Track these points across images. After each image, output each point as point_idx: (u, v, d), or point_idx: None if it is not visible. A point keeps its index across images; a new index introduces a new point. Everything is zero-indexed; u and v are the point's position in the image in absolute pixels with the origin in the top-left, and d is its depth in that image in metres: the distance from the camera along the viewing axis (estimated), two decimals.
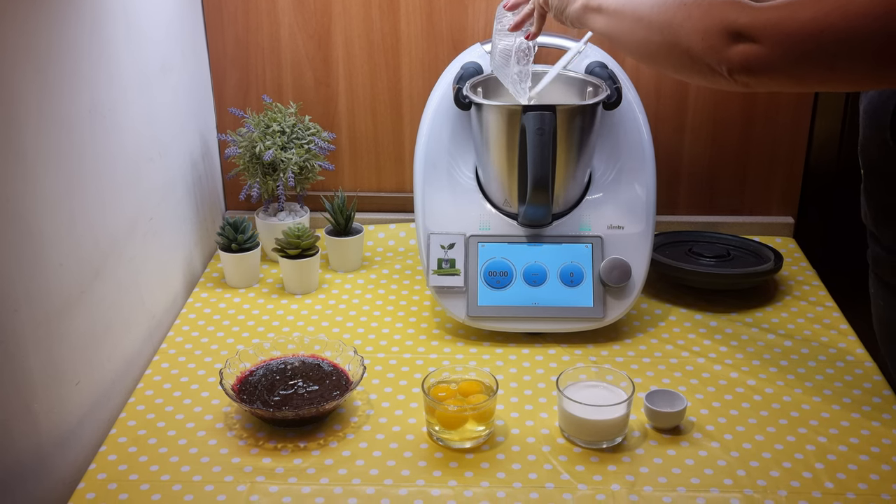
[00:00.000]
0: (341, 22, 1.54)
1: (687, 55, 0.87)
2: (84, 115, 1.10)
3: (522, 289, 1.30)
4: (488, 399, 1.09)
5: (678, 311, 1.39)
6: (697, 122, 1.58)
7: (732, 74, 0.84)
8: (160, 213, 1.35)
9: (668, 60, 0.92)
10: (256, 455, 1.07)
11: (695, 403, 1.16)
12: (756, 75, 0.82)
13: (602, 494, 1.01)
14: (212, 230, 1.57)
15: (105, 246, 1.16)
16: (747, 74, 0.83)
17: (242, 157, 1.47)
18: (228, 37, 1.56)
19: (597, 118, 1.29)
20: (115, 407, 1.18)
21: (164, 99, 1.37)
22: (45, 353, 1.02)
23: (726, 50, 0.83)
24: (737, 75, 0.83)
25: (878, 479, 1.03)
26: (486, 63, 1.38)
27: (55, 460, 1.05)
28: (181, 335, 1.33)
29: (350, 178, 1.64)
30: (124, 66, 1.21)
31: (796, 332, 1.33)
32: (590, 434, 1.08)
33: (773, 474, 1.04)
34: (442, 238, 1.32)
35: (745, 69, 0.82)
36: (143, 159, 1.29)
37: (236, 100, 1.59)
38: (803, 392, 1.19)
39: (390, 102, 1.59)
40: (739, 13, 0.82)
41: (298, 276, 1.43)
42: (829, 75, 0.80)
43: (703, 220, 1.63)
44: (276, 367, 1.19)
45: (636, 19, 0.95)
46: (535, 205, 1.26)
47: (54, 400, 1.04)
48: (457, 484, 1.03)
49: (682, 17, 0.87)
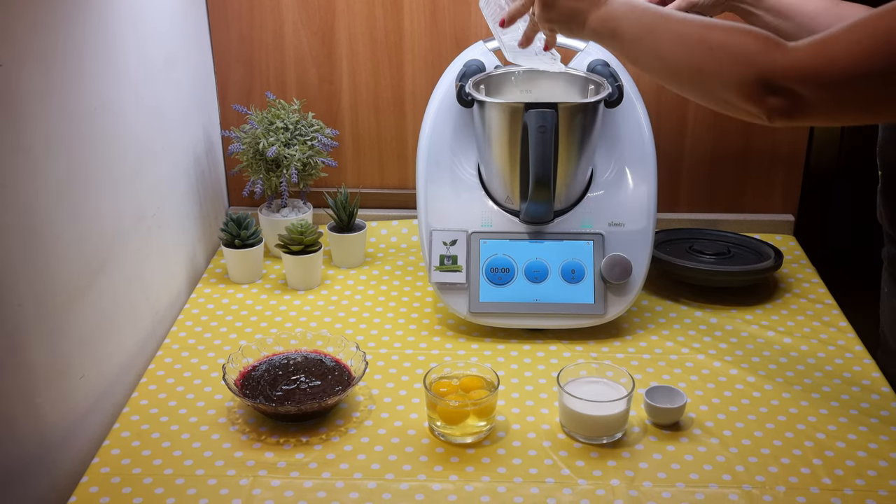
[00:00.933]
0: (345, 19, 1.54)
1: (722, 101, 0.87)
2: (89, 110, 1.11)
3: (524, 285, 1.30)
4: (489, 395, 1.09)
5: (678, 308, 1.39)
6: (698, 120, 1.58)
7: (772, 120, 0.84)
8: (164, 209, 1.36)
9: (699, 98, 0.93)
10: (259, 449, 1.08)
11: (694, 400, 1.17)
12: (795, 120, 0.83)
13: (602, 489, 1.01)
14: (215, 226, 1.58)
15: (109, 241, 1.17)
16: (786, 119, 0.83)
17: (246, 153, 1.48)
18: (232, 33, 1.56)
19: (598, 116, 1.29)
20: (118, 401, 1.18)
21: (169, 94, 1.38)
22: (49, 347, 1.02)
23: (765, 100, 0.83)
24: (776, 120, 0.84)
25: (876, 475, 1.03)
26: (489, 61, 1.39)
27: (59, 454, 1.05)
28: (184, 330, 1.34)
29: (353, 174, 1.65)
30: (129, 62, 1.22)
31: (796, 329, 1.34)
32: (590, 430, 1.08)
33: (771, 470, 1.04)
34: (444, 234, 1.32)
35: (785, 116, 0.83)
36: (147, 154, 1.30)
37: (240, 96, 1.60)
38: (802, 389, 1.20)
39: (393, 99, 1.59)
40: (773, 62, 0.81)
41: (301, 271, 1.44)
42: (868, 114, 0.81)
43: (704, 217, 1.63)
44: (279, 362, 1.20)
45: (658, 57, 0.93)
46: (536, 202, 1.27)
47: (58, 394, 1.05)
48: (458, 479, 1.03)
49: (712, 66, 0.86)
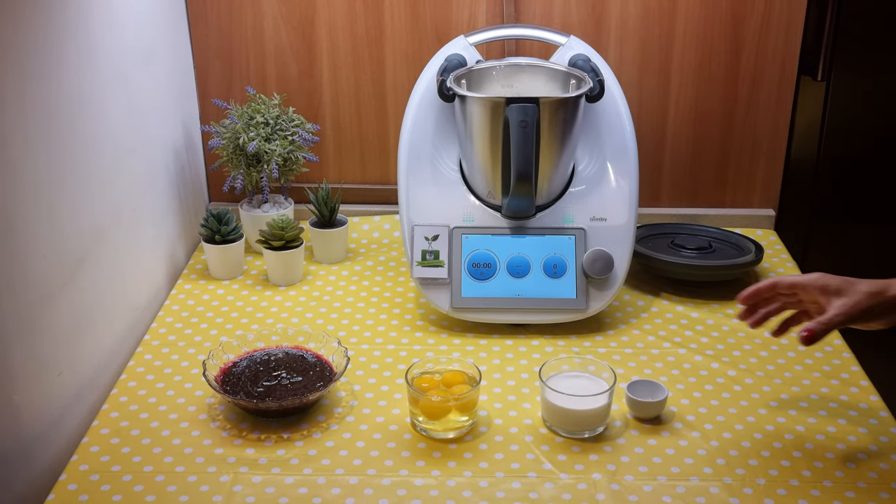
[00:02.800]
0: (325, 13, 1.53)
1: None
2: (66, 105, 1.10)
3: (506, 280, 1.30)
4: (471, 389, 1.09)
5: (660, 303, 1.40)
6: (680, 115, 1.59)
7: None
8: (143, 205, 1.35)
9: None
10: (240, 446, 1.07)
11: (675, 393, 1.17)
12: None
13: (583, 483, 1.02)
14: (195, 222, 1.57)
15: (87, 237, 1.16)
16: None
17: (226, 148, 1.47)
18: (212, 27, 1.55)
19: (580, 110, 1.29)
20: (97, 398, 1.18)
21: (147, 89, 1.37)
22: (26, 345, 1.01)
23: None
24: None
25: (854, 467, 1.04)
26: (470, 55, 1.38)
27: (37, 452, 1.04)
28: (164, 326, 1.33)
29: (334, 169, 1.64)
30: (107, 56, 1.21)
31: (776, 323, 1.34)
32: (572, 424, 1.09)
33: (751, 463, 1.05)
34: (426, 230, 1.32)
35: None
36: (126, 150, 1.29)
37: (220, 91, 1.58)
38: (782, 382, 1.20)
39: (374, 94, 1.59)
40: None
41: (282, 267, 1.43)
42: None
43: (685, 212, 1.64)
44: (260, 358, 1.19)
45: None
46: (518, 196, 1.27)
47: (36, 391, 1.04)
48: (440, 474, 1.03)
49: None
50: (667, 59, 1.55)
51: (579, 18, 1.52)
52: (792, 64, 1.55)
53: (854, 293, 0.97)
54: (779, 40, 1.53)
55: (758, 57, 1.54)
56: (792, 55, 1.54)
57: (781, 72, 1.55)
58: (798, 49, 1.54)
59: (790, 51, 1.54)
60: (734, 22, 1.52)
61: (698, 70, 1.56)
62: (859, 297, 0.96)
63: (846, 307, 0.96)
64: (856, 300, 0.96)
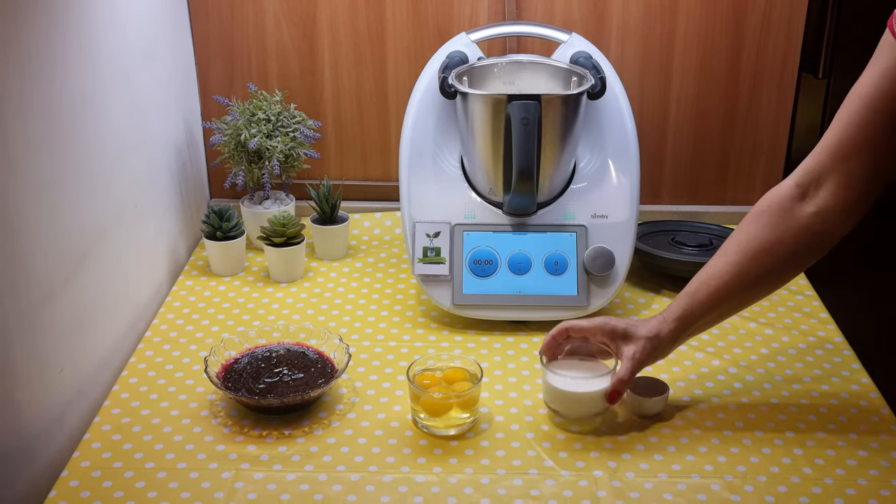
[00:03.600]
0: (326, 10, 1.53)
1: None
2: (68, 104, 1.09)
3: (507, 277, 1.30)
4: (473, 386, 1.09)
5: (661, 300, 1.40)
6: (681, 112, 1.59)
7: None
8: (144, 201, 1.35)
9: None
10: (241, 442, 1.08)
11: (677, 391, 1.17)
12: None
13: (585, 480, 1.02)
14: (196, 218, 1.57)
15: (89, 234, 1.16)
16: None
17: (227, 144, 1.47)
18: (213, 24, 1.55)
19: (581, 108, 1.29)
20: (99, 395, 1.18)
21: (149, 86, 1.37)
22: (28, 342, 1.01)
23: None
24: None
25: (856, 464, 1.04)
26: (472, 52, 1.38)
27: (39, 449, 1.04)
28: (166, 323, 1.33)
29: (336, 166, 1.64)
30: (109, 55, 1.21)
31: (777, 320, 1.34)
32: (572, 406, 1.08)
33: (752, 460, 1.05)
34: (427, 227, 1.32)
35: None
36: (128, 147, 1.29)
37: (221, 87, 1.58)
38: (783, 380, 1.20)
39: (376, 91, 1.59)
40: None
41: (284, 264, 1.44)
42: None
43: (687, 209, 1.64)
44: (262, 354, 1.19)
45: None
46: (519, 194, 1.27)
47: (38, 388, 1.04)
48: (441, 471, 1.03)
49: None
50: (668, 56, 1.55)
51: (581, 16, 1.52)
52: (793, 62, 1.55)
53: (637, 339, 1.08)
54: (780, 38, 1.53)
55: (759, 55, 1.54)
56: (793, 53, 1.54)
57: (782, 70, 1.55)
58: (799, 47, 1.54)
59: (791, 49, 1.54)
60: (735, 20, 1.52)
61: (699, 68, 1.55)
62: (643, 342, 1.07)
63: (635, 357, 1.07)
64: (641, 346, 1.07)
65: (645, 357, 1.07)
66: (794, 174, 1.04)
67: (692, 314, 1.07)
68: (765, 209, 1.05)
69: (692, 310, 1.07)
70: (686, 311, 1.07)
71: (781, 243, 1.03)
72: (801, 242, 1.02)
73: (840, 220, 1.01)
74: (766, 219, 1.04)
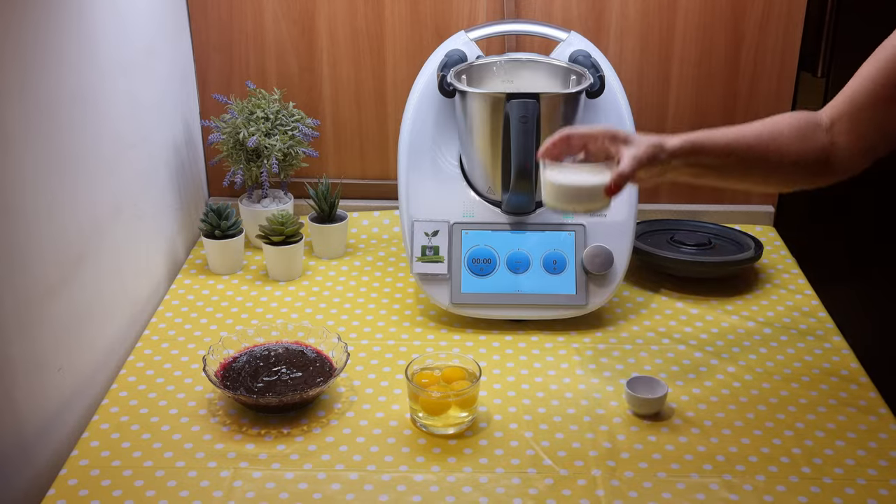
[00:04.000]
0: (325, 8, 1.53)
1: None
2: (66, 101, 1.09)
3: (506, 276, 1.30)
4: (471, 385, 1.09)
5: (659, 299, 1.40)
6: (679, 110, 1.59)
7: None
8: (143, 200, 1.35)
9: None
10: (240, 441, 1.08)
11: (675, 390, 1.17)
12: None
13: (583, 479, 1.02)
14: (195, 216, 1.57)
15: (87, 232, 1.16)
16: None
17: (226, 143, 1.47)
18: (212, 22, 1.55)
19: (580, 106, 1.29)
20: (97, 394, 1.18)
21: (147, 84, 1.36)
22: (26, 340, 1.01)
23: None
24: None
25: (854, 463, 1.04)
26: (471, 51, 1.38)
27: (37, 447, 1.04)
28: (164, 321, 1.33)
29: (334, 165, 1.64)
30: (107, 52, 1.21)
31: (775, 319, 1.35)
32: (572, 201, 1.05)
33: (751, 459, 1.05)
34: (426, 225, 1.32)
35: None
36: (126, 145, 1.28)
37: (220, 86, 1.58)
38: (782, 379, 1.20)
39: (374, 89, 1.59)
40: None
41: (282, 262, 1.43)
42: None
43: (685, 208, 1.64)
44: (260, 353, 1.19)
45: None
46: (518, 192, 1.27)
47: (36, 387, 1.04)
48: (440, 469, 1.03)
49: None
50: (667, 54, 1.55)
51: (579, 14, 1.52)
52: (792, 60, 1.55)
53: (640, 143, 1.05)
54: (778, 36, 1.53)
55: (757, 53, 1.54)
56: (792, 51, 1.54)
57: (781, 68, 1.55)
58: (798, 45, 1.54)
59: (790, 46, 1.54)
60: (734, 17, 1.52)
61: (698, 66, 1.55)
62: (644, 146, 1.04)
63: (637, 156, 1.03)
64: (643, 147, 1.04)
65: (646, 158, 1.03)
66: (825, 108, 1.08)
67: (700, 143, 1.05)
68: (798, 114, 1.09)
69: (702, 140, 1.05)
70: (696, 138, 1.05)
71: (798, 140, 1.06)
72: (811, 153, 1.06)
73: (845, 160, 1.05)
74: (796, 120, 1.08)
